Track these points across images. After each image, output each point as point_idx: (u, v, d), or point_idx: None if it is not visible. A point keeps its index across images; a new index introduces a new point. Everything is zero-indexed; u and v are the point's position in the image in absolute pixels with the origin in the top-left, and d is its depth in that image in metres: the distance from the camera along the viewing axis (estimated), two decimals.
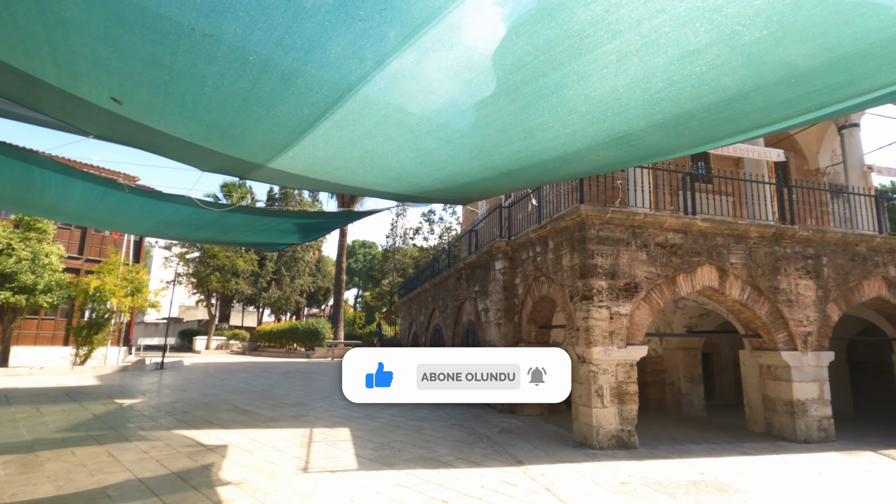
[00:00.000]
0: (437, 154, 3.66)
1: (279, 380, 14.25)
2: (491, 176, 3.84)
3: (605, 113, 2.71)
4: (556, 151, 3.36)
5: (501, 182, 4.13)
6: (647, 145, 3.30)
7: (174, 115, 3.15)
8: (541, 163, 3.66)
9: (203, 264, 29.13)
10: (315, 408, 9.22)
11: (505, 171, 3.79)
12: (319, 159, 3.76)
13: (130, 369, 15.83)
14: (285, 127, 3.24)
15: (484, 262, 10.77)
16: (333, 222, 8.22)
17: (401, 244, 39.02)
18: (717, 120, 2.72)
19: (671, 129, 2.95)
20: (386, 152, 3.60)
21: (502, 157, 3.55)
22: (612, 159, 3.58)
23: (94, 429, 6.80)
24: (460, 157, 3.69)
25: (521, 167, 3.74)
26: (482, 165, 3.66)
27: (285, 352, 28.33)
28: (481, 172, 3.81)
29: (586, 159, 3.58)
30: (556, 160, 3.56)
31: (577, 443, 6.66)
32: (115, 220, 8.22)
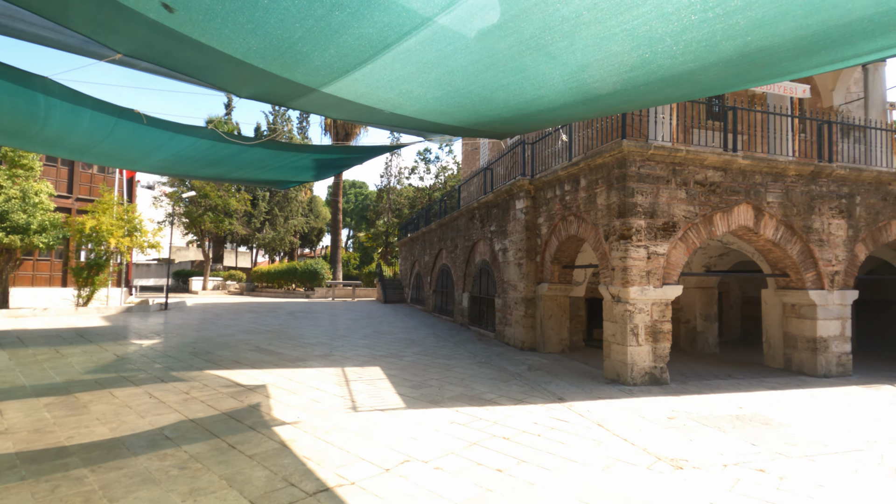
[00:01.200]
0: (515, 84, 3.33)
1: (288, 320, 14.26)
2: (571, 102, 3.51)
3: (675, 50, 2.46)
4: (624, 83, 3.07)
5: (577, 110, 3.80)
6: (696, 82, 3.03)
7: (236, 27, 2.73)
8: (613, 93, 3.36)
9: (195, 204, 28.35)
10: (337, 347, 9.23)
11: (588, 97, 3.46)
12: (384, 84, 3.38)
13: (135, 310, 15.69)
14: (358, 49, 2.85)
15: (503, 201, 10.50)
16: (357, 157, 7.79)
17: (395, 184, 38.31)
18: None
19: (724, 67, 2.75)
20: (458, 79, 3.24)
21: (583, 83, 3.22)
22: (669, 94, 3.32)
23: (123, 370, 6.70)
24: (541, 87, 3.36)
25: (597, 96, 3.42)
26: (569, 91, 3.33)
27: (284, 292, 28.36)
28: (562, 99, 3.48)
29: (643, 93, 3.32)
30: (624, 91, 3.26)
31: (609, 380, 6.77)
32: (120, 155, 7.70)
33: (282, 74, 3.37)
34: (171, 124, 5.68)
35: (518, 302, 9.51)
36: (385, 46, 2.76)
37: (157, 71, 4.85)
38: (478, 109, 3.89)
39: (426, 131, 5.66)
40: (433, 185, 35.97)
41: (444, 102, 3.71)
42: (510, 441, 4.20)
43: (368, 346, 9.39)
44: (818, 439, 4.51)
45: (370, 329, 12.31)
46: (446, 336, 11.17)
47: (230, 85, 3.89)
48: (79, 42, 4.03)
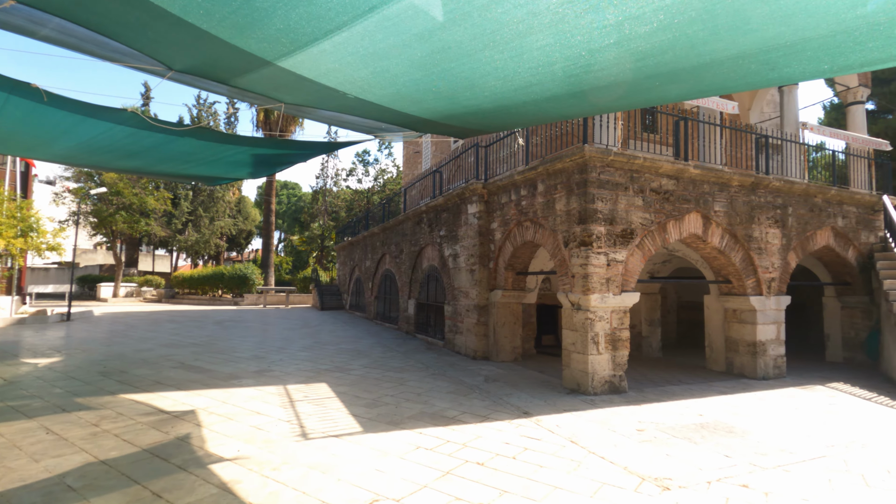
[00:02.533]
0: (489, 80, 2.98)
1: (217, 330, 13.02)
2: (563, 94, 3.21)
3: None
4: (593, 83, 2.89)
5: (563, 105, 3.51)
6: (701, 79, 2.93)
7: None
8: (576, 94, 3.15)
9: (105, 202, 25.56)
10: (275, 361, 8.41)
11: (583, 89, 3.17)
12: (358, 59, 2.88)
13: (29, 321, 13.66)
14: (337, 9, 2.35)
15: (454, 205, 10.18)
16: (302, 154, 7.10)
17: (332, 186, 37.02)
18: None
19: (689, 75, 2.75)
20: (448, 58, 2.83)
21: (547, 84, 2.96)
22: (666, 92, 3.19)
23: (11, 398, 5.57)
24: (507, 87, 3.05)
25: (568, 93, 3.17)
26: (566, 80, 3.02)
27: (209, 299, 26.29)
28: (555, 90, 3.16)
29: (599, 98, 3.19)
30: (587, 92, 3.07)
31: (569, 390, 6.60)
32: (15, 140, 6.47)
33: (231, 41, 2.78)
34: (81, 105, 4.76)
35: (470, 309, 9.19)
36: (370, 8, 2.29)
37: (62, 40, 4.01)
38: (458, 98, 3.49)
39: (387, 124, 5.18)
40: (372, 187, 35.12)
41: (421, 87, 3.28)
42: (485, 467, 3.81)
43: (310, 360, 8.65)
44: (784, 447, 4.53)
45: (310, 339, 11.47)
46: (393, 346, 10.63)
47: (160, 52, 3.20)
48: None
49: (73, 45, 4.18)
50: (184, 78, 4.43)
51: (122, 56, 3.97)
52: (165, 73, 3.96)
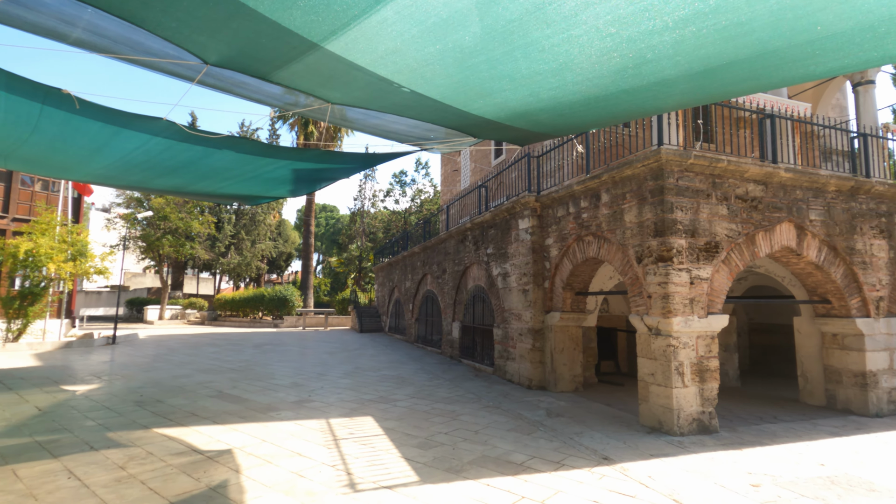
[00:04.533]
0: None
1: (255, 355, 12.69)
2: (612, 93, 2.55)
3: None
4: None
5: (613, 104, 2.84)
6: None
7: None
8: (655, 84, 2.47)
9: (153, 226, 26.30)
10: (315, 390, 7.87)
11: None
12: (418, 34, 2.32)
13: (76, 345, 13.75)
14: None
15: (502, 220, 9.52)
16: (345, 168, 6.65)
17: (369, 207, 37.13)
18: None
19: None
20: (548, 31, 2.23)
21: None
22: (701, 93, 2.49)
23: (41, 431, 5.20)
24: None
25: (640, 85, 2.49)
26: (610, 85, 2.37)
27: (250, 321, 26.40)
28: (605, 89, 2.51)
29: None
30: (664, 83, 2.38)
31: (648, 428, 5.71)
32: (53, 159, 6.30)
33: (271, 15, 2.27)
34: (114, 113, 4.43)
35: (523, 333, 8.42)
36: None
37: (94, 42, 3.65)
38: (540, 86, 2.86)
39: (440, 127, 4.62)
40: (409, 208, 34.99)
41: (497, 70, 2.67)
42: None
43: (353, 388, 8.06)
44: None
45: (350, 365, 10.93)
46: (438, 372, 9.93)
47: (193, 39, 2.74)
48: None
49: (105, 49, 3.81)
50: (221, 78, 4.01)
51: (155, 54, 3.57)
52: (200, 69, 3.53)
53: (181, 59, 3.14)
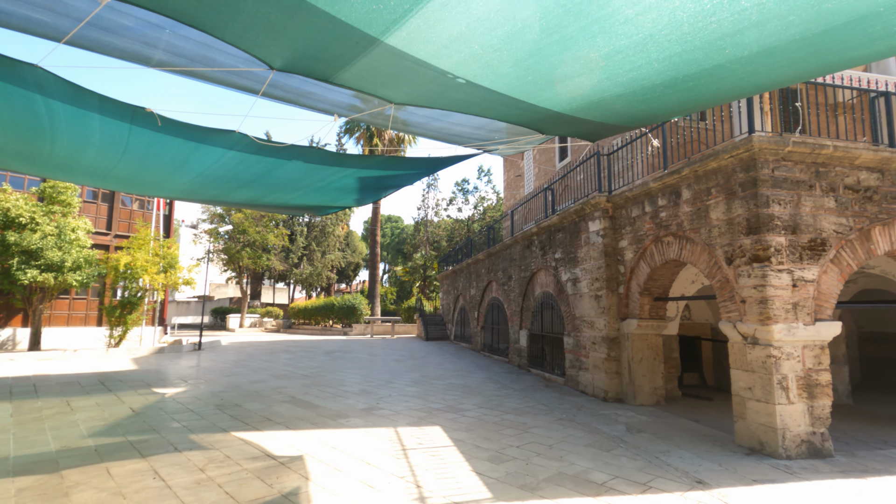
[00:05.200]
0: None
1: (326, 361, 13.03)
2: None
3: None
4: None
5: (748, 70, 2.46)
6: None
7: None
8: None
9: (233, 240, 28.14)
10: (383, 397, 7.86)
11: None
12: (485, 14, 2.15)
13: (167, 350, 14.85)
14: None
15: (570, 223, 9.11)
16: (409, 174, 6.63)
17: (432, 216, 37.50)
18: None
19: None
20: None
21: None
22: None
23: (133, 431, 5.53)
24: None
25: None
26: None
27: (321, 329, 27.40)
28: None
29: None
30: None
31: (747, 449, 5.09)
32: (142, 178, 6.78)
33: (329, 9, 2.19)
34: (192, 129, 4.66)
35: (597, 342, 7.94)
36: None
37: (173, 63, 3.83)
38: (620, 66, 2.59)
39: (507, 124, 4.42)
40: (472, 215, 34.93)
41: (571, 53, 2.44)
42: None
43: (420, 396, 7.97)
44: None
45: (417, 373, 10.89)
46: (506, 381, 9.63)
47: (259, 45, 2.76)
48: None
49: (182, 68, 3.99)
50: (286, 88, 4.07)
51: (227, 65, 3.68)
52: (266, 76, 3.58)
53: (249, 67, 3.20)
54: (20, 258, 13.05)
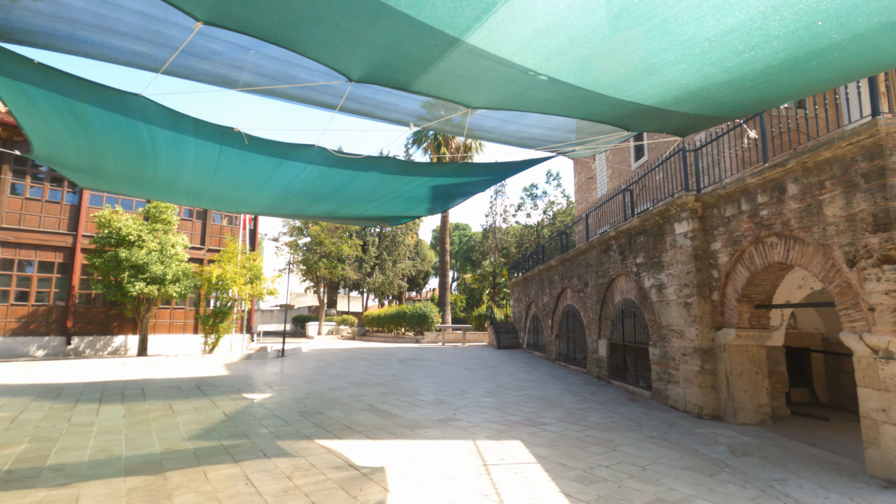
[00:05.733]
0: None
1: (401, 369, 13.18)
2: None
3: None
4: None
5: None
6: None
7: None
8: None
9: (311, 252, 29.58)
10: (459, 408, 7.74)
11: None
12: None
13: (254, 357, 15.77)
14: None
15: (653, 226, 8.54)
16: (484, 180, 6.53)
17: (500, 223, 37.19)
18: None
19: None
20: None
21: None
22: None
23: (226, 436, 5.82)
24: None
25: None
26: None
27: (394, 336, 27.96)
28: None
29: None
30: None
31: (885, 481, 4.39)
32: (230, 195, 7.22)
33: (409, 11, 2.13)
34: (275, 145, 4.84)
35: (688, 353, 7.33)
36: None
37: (258, 83, 3.99)
38: (729, 51, 2.29)
39: (587, 122, 4.16)
40: (541, 221, 34.22)
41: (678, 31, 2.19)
42: None
43: (496, 407, 7.77)
44: None
45: (492, 382, 10.69)
46: (586, 393, 9.17)
47: (338, 56, 2.77)
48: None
49: (265, 87, 4.14)
50: (362, 100, 4.10)
51: (306, 80, 3.76)
52: (345, 90, 3.61)
53: (328, 81, 3.24)
54: (130, 272, 14.47)
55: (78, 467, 4.57)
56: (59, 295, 16.52)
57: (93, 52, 3.36)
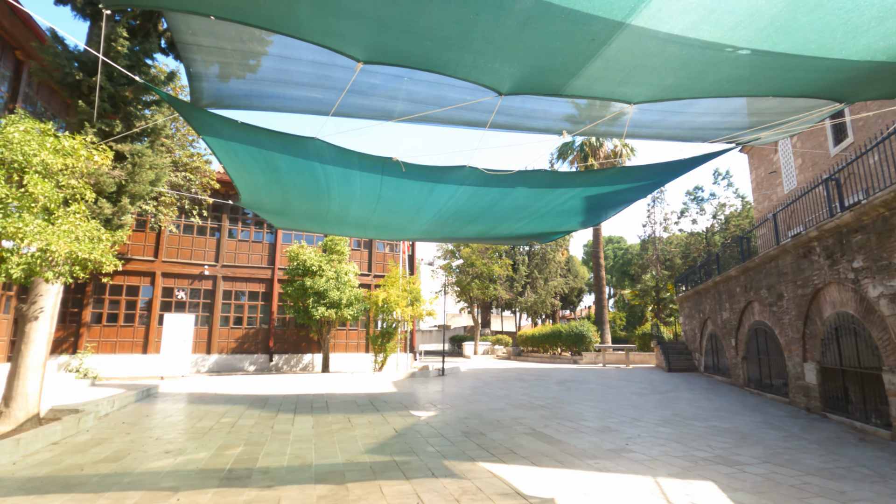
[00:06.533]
0: None
1: (560, 391, 12.61)
2: None
3: None
4: None
5: None
6: None
7: None
8: None
9: (464, 273, 30.62)
10: (631, 437, 7.01)
11: None
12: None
13: (417, 375, 16.65)
14: None
15: (876, 220, 6.82)
16: (647, 183, 5.95)
17: (661, 232, 34.00)
18: None
19: None
20: None
21: None
22: None
23: (397, 452, 6.10)
24: None
25: None
26: None
27: (549, 357, 27.16)
28: None
29: None
30: None
31: None
32: (390, 224, 7.75)
33: (569, 4, 1.96)
34: (429, 170, 5.04)
35: None
36: None
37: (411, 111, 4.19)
38: None
39: (786, 98, 3.47)
40: (710, 227, 30.36)
41: None
42: None
43: (677, 439, 6.84)
44: None
45: (667, 410, 9.54)
46: (793, 429, 7.58)
47: (486, 71, 2.72)
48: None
49: (418, 115, 4.32)
50: (510, 112, 4.02)
51: (456, 100, 3.82)
52: (494, 106, 3.57)
53: (478, 98, 3.22)
54: (314, 298, 16.61)
55: (279, 472, 5.18)
56: (263, 319, 19.71)
57: (278, 104, 3.88)
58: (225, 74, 4.00)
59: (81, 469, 5.21)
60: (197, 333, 18.53)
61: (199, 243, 19.32)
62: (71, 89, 7.65)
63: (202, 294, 19.14)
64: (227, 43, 3.51)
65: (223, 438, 6.77)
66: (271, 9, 2.42)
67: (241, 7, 2.48)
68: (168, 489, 4.54)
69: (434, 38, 2.49)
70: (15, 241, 5.34)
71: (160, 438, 6.77)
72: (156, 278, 18.33)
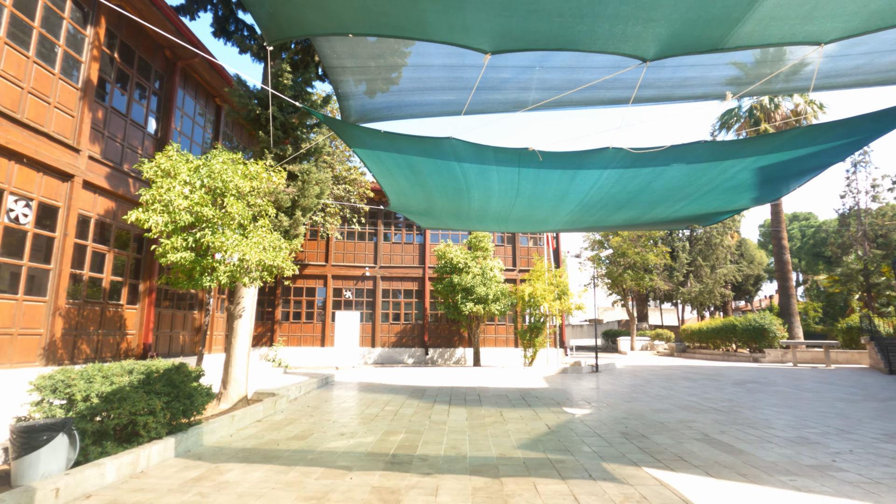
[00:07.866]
0: None
1: (738, 394, 11.04)
2: None
3: None
4: None
5: None
6: None
7: None
8: None
9: (614, 264, 28.81)
10: (840, 452, 5.78)
11: None
12: None
13: (569, 371, 16.13)
14: None
15: None
16: (848, 143, 4.83)
17: (868, 203, 27.72)
18: None
19: None
20: None
21: None
22: None
23: (551, 449, 5.94)
24: None
25: None
26: None
27: (721, 354, 24.07)
28: None
29: None
30: None
31: None
32: (532, 216, 7.58)
33: None
34: (568, 157, 4.78)
35: None
36: None
37: (545, 99, 4.02)
38: None
39: None
40: None
41: None
42: None
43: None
44: None
45: (890, 421, 7.69)
46: None
47: (625, 37, 2.44)
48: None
49: (552, 100, 4.13)
50: (657, 84, 3.59)
51: (594, 85, 3.55)
52: (637, 78, 3.21)
53: (617, 72, 2.93)
54: (462, 294, 17.19)
55: (436, 460, 5.43)
56: (418, 315, 21.08)
57: (415, 111, 4.04)
58: (371, 90, 4.31)
59: (277, 444, 6.12)
60: (363, 329, 20.61)
61: (360, 248, 21.48)
62: (253, 122, 9.07)
63: (365, 293, 21.23)
64: (371, 61, 3.77)
65: (387, 425, 7.36)
66: (399, 16, 2.50)
67: (372, 20, 2.61)
68: (343, 468, 5.06)
69: (562, 12, 2.31)
70: (222, 252, 6.51)
71: (336, 422, 7.63)
72: (327, 280, 20.89)
